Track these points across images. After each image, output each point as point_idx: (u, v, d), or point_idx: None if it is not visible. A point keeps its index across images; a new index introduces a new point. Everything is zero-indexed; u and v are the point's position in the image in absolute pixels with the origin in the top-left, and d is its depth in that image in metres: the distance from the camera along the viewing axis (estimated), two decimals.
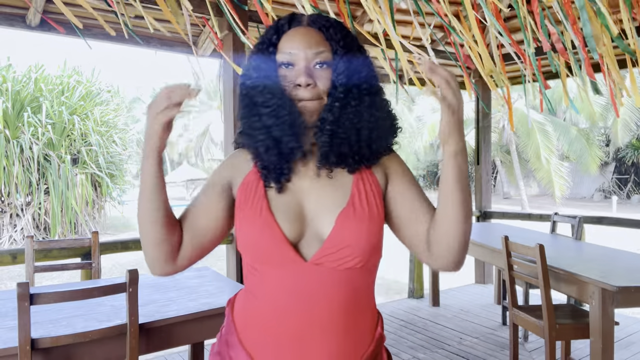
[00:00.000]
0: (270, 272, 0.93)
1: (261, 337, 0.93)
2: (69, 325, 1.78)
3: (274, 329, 0.92)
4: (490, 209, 5.43)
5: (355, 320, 0.93)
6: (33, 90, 13.16)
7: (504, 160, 24.03)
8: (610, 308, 2.35)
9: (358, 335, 0.94)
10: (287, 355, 0.91)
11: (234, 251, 3.58)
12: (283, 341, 0.91)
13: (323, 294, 0.90)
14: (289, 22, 0.97)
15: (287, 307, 0.91)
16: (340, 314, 0.91)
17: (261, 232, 0.92)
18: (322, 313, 0.90)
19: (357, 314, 0.93)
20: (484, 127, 5.44)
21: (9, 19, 3.11)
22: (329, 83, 0.93)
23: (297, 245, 0.92)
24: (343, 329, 0.91)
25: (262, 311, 0.94)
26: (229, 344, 0.99)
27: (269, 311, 0.92)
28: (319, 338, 0.90)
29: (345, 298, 0.91)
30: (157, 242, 0.94)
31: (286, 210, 0.93)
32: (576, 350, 3.36)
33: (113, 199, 15.17)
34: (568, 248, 3.30)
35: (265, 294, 0.93)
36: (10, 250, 2.81)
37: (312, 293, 0.90)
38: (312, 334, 0.90)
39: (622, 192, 24.14)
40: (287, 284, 0.91)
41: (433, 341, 3.59)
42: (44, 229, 13.58)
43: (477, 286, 5.19)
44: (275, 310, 0.92)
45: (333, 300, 0.90)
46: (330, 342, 0.90)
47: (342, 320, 0.91)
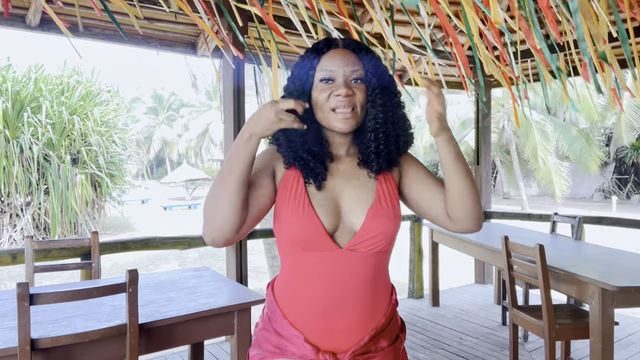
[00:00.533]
0: (310, 258, 1.10)
1: (300, 310, 1.12)
2: (69, 325, 1.78)
3: (310, 304, 1.11)
4: (490, 209, 5.43)
5: (375, 292, 1.13)
6: (33, 90, 13.16)
7: (504, 161, 24.03)
8: (610, 308, 2.35)
9: (377, 304, 1.14)
10: (320, 325, 1.10)
11: (233, 251, 3.58)
12: (317, 314, 1.10)
13: (353, 275, 1.10)
14: (327, 45, 1.14)
15: (323, 286, 1.10)
16: (366, 290, 1.11)
17: (306, 225, 1.08)
18: (351, 290, 1.10)
19: (378, 287, 1.14)
20: (483, 128, 5.44)
21: (9, 19, 3.11)
22: (364, 95, 1.11)
23: (333, 235, 1.10)
24: (365, 302, 1.11)
25: (300, 289, 1.12)
26: (271, 319, 1.17)
27: (307, 289, 1.11)
28: (347, 311, 1.10)
29: (372, 276, 1.12)
30: (235, 213, 1.03)
31: (325, 206, 1.11)
32: (576, 350, 3.36)
33: (113, 199, 15.17)
34: (568, 248, 3.30)
35: (305, 275, 1.11)
36: (10, 250, 2.81)
37: (345, 275, 1.09)
38: (342, 307, 1.10)
39: (622, 192, 24.14)
40: (323, 267, 1.10)
41: (433, 341, 3.59)
42: (43, 229, 13.58)
43: (477, 286, 5.19)
44: (313, 288, 1.10)
45: (361, 279, 1.10)
46: (355, 313, 1.10)
47: (366, 294, 1.11)
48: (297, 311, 1.12)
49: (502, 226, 4.42)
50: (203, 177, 29.26)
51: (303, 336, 1.10)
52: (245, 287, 2.48)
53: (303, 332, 1.11)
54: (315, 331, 1.11)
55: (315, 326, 1.10)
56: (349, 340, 1.10)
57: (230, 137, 3.51)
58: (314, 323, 1.10)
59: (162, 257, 12.39)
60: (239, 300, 2.12)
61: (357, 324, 1.11)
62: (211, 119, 38.59)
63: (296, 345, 1.11)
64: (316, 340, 1.10)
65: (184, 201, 27.17)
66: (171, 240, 3.41)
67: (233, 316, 2.08)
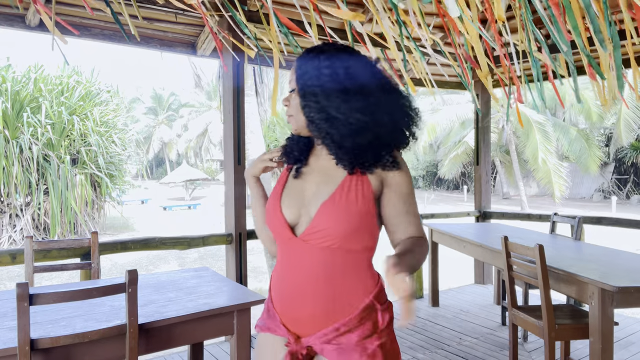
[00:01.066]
0: (280, 246, 1.25)
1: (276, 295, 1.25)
2: (69, 325, 1.78)
3: (280, 290, 1.24)
4: (490, 209, 5.43)
5: (333, 288, 1.16)
6: (32, 90, 13.15)
7: (504, 161, 24.03)
8: (609, 308, 2.35)
9: (339, 300, 1.16)
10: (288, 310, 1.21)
11: (233, 251, 3.58)
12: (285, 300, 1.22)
13: (308, 266, 1.18)
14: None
15: (285, 273, 1.22)
16: (322, 283, 1.16)
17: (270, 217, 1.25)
18: (307, 281, 1.17)
19: (337, 283, 1.16)
20: (483, 128, 5.44)
21: (9, 19, 3.10)
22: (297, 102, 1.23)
23: (295, 226, 1.21)
24: (322, 295, 1.16)
25: (277, 276, 1.26)
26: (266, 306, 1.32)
27: (276, 276, 1.25)
28: (307, 301, 1.17)
29: (324, 271, 1.16)
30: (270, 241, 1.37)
31: (290, 195, 1.24)
32: (576, 350, 3.36)
33: (112, 199, 15.16)
34: (567, 248, 3.30)
35: (279, 263, 1.26)
36: (10, 250, 2.80)
37: (301, 264, 1.19)
38: (302, 296, 1.18)
39: (621, 192, 24.15)
40: (286, 256, 1.22)
41: (432, 341, 3.59)
42: (43, 229, 13.57)
43: (476, 286, 5.19)
44: (280, 275, 1.24)
45: (314, 271, 1.17)
46: (315, 305, 1.16)
47: (323, 288, 1.16)
48: (274, 296, 1.26)
49: (501, 226, 4.42)
50: (202, 177, 29.23)
51: (279, 318, 1.23)
52: (245, 287, 2.48)
53: (279, 314, 1.23)
54: (286, 315, 1.22)
55: (284, 310, 1.22)
56: (312, 328, 1.18)
57: (230, 137, 3.51)
58: (284, 308, 1.22)
59: (162, 258, 12.38)
60: (238, 300, 2.12)
61: (318, 314, 1.16)
62: (211, 119, 38.56)
63: (276, 324, 1.24)
64: (287, 323, 1.22)
65: (184, 201, 27.15)
66: (171, 241, 3.41)
67: (233, 316, 2.08)
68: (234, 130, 3.49)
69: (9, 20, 3.10)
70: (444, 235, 4.24)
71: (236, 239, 3.56)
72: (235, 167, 3.52)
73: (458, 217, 5.45)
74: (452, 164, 22.87)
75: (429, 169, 32.33)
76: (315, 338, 1.17)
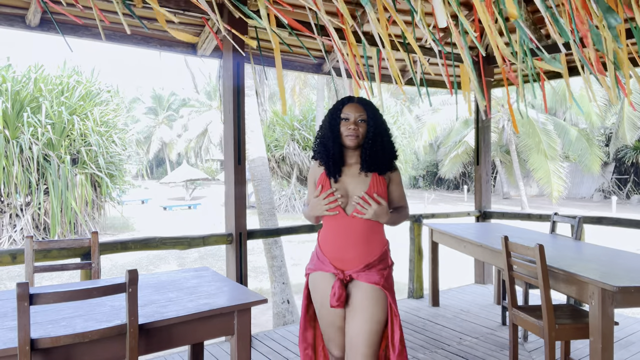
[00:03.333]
0: (335, 220, 2.07)
1: (328, 248, 2.09)
2: (69, 325, 1.78)
3: (331, 245, 2.08)
4: (490, 209, 5.43)
5: (368, 243, 2.05)
6: (33, 90, 13.15)
7: (504, 161, 24.03)
8: (609, 308, 2.35)
9: (369, 249, 2.05)
10: (337, 256, 2.06)
11: (233, 251, 3.58)
12: (335, 250, 2.07)
13: (354, 231, 2.04)
14: (347, 100, 2.12)
15: (339, 235, 2.06)
16: (361, 240, 2.04)
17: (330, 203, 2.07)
18: (352, 239, 2.04)
19: (370, 239, 2.06)
20: (483, 127, 5.44)
21: (9, 19, 3.10)
22: (365, 128, 2.08)
23: (345, 208, 2.06)
24: (361, 246, 2.04)
25: (330, 237, 2.09)
26: (315, 250, 2.16)
27: (328, 237, 2.10)
28: (350, 250, 2.04)
29: (365, 232, 2.05)
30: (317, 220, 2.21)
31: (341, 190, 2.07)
32: (576, 350, 3.36)
33: (112, 199, 15.17)
34: (568, 248, 3.30)
35: (332, 229, 2.08)
36: (10, 250, 2.80)
37: (349, 230, 2.05)
38: (348, 248, 2.04)
39: (621, 192, 24.14)
40: (340, 225, 2.06)
41: (433, 341, 3.59)
42: (43, 229, 13.58)
43: (477, 286, 5.19)
44: (335, 236, 2.07)
45: (358, 233, 2.04)
46: (355, 252, 2.04)
47: (362, 242, 2.04)
48: (327, 248, 2.09)
49: (502, 226, 4.42)
50: (203, 177, 29.23)
51: (328, 260, 2.07)
52: (245, 287, 2.48)
53: (329, 258, 2.07)
54: (335, 259, 2.06)
55: (334, 256, 2.06)
56: (352, 265, 2.04)
57: (230, 136, 3.51)
58: (334, 254, 2.06)
59: (162, 257, 12.39)
60: (238, 300, 2.12)
61: (356, 257, 2.03)
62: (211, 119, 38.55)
63: (326, 265, 2.08)
64: (335, 263, 2.06)
65: (184, 201, 27.15)
66: (171, 241, 3.40)
67: (233, 316, 2.08)
68: (234, 130, 3.49)
69: (9, 20, 3.10)
70: (444, 235, 4.24)
71: (236, 238, 3.56)
72: (236, 167, 3.51)
73: (458, 217, 5.45)
74: (452, 164, 22.87)
75: (429, 169, 32.33)
76: (353, 271, 2.03)
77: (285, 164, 21.23)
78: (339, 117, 2.08)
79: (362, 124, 2.05)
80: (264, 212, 6.87)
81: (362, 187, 2.02)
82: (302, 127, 20.78)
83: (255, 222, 7.91)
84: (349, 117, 2.06)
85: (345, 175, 2.07)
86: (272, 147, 21.04)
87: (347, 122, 2.05)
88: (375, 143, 2.05)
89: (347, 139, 2.05)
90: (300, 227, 4.34)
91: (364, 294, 1.99)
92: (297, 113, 21.42)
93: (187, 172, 28.01)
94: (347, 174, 2.07)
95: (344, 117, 2.07)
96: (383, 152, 2.07)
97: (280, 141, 21.15)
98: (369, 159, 2.04)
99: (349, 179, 2.06)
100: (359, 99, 2.12)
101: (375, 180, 2.04)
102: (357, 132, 2.03)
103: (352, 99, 2.11)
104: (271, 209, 6.91)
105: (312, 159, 2.16)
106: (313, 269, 2.10)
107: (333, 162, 2.05)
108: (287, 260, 9.36)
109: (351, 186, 2.05)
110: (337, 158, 2.06)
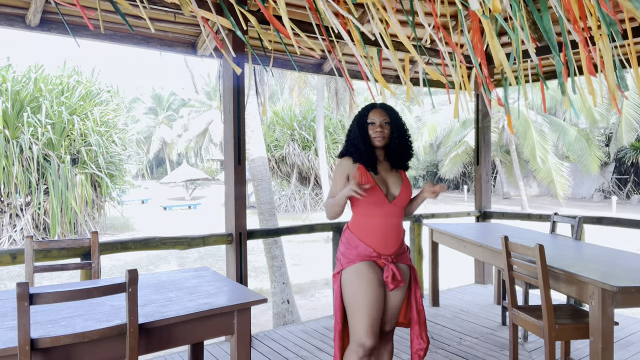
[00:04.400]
0: (377, 209, 2.29)
1: (369, 236, 2.28)
2: (69, 325, 1.78)
3: (375, 232, 2.28)
4: (490, 209, 5.43)
5: (400, 227, 2.34)
6: (33, 90, 13.15)
7: (504, 161, 24.02)
8: (610, 308, 2.35)
9: (401, 233, 2.35)
10: (380, 242, 2.27)
11: (233, 251, 3.58)
12: (379, 236, 2.28)
13: (395, 217, 2.32)
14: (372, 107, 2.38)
15: (382, 222, 2.28)
16: (399, 224, 2.34)
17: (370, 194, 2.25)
18: (394, 225, 2.31)
19: (400, 225, 2.35)
20: (483, 127, 5.44)
21: (9, 19, 3.10)
22: (389, 130, 2.35)
23: (387, 196, 2.30)
24: (398, 230, 2.33)
25: (371, 225, 2.29)
26: (351, 244, 2.29)
27: (373, 225, 2.28)
28: (391, 235, 2.30)
29: (399, 218, 2.34)
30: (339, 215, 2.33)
31: (381, 182, 2.32)
32: (576, 350, 3.36)
33: (112, 199, 15.17)
34: (568, 248, 3.30)
35: (373, 217, 2.29)
36: (10, 250, 2.80)
37: (391, 216, 2.30)
38: (389, 233, 2.29)
39: (621, 192, 24.14)
40: (382, 212, 2.29)
41: (433, 341, 3.59)
42: (43, 229, 13.58)
43: (477, 286, 5.19)
44: (377, 224, 2.28)
45: (397, 219, 2.33)
46: (395, 235, 2.31)
47: (399, 227, 2.34)
48: (369, 236, 2.28)
49: (502, 226, 4.42)
50: (203, 177, 29.23)
51: (372, 248, 2.26)
52: (245, 287, 2.48)
53: (371, 246, 2.26)
54: (377, 245, 2.27)
55: (377, 243, 2.27)
56: (391, 249, 2.29)
57: (230, 136, 3.51)
58: (377, 241, 2.27)
59: (162, 257, 12.39)
60: (238, 300, 2.12)
61: (394, 241, 2.30)
62: (211, 119, 38.55)
63: (369, 253, 2.25)
64: (379, 249, 2.27)
65: (184, 201, 27.15)
66: (171, 240, 3.40)
67: (233, 316, 2.08)
68: (234, 130, 3.49)
69: (9, 20, 3.10)
70: (444, 235, 4.24)
71: (236, 238, 3.56)
72: (236, 167, 3.51)
73: (458, 217, 5.45)
74: (452, 164, 22.86)
75: (430, 169, 32.32)
76: (394, 254, 2.29)
77: (285, 164, 21.24)
78: (366, 122, 2.34)
79: (387, 127, 2.33)
80: (264, 212, 6.87)
81: (397, 180, 2.35)
82: (301, 128, 20.79)
83: (255, 222, 7.90)
84: (375, 121, 2.32)
85: (380, 170, 2.35)
86: (272, 147, 21.04)
87: (374, 125, 2.32)
88: (401, 143, 2.36)
89: (375, 140, 2.32)
90: (300, 227, 4.33)
91: (405, 274, 2.34)
92: (297, 113, 21.41)
93: (187, 172, 28.01)
94: (380, 169, 2.35)
95: (370, 122, 2.33)
96: (407, 151, 2.38)
97: (280, 141, 21.15)
98: (397, 157, 2.36)
99: (385, 173, 2.35)
100: (382, 104, 2.38)
101: (404, 176, 2.41)
102: (383, 133, 2.31)
103: (376, 105, 2.38)
104: (271, 209, 6.91)
105: (340, 157, 2.43)
106: (353, 260, 2.25)
107: (370, 159, 2.32)
108: (287, 260, 9.36)
109: (390, 180, 2.35)
110: (371, 156, 2.33)
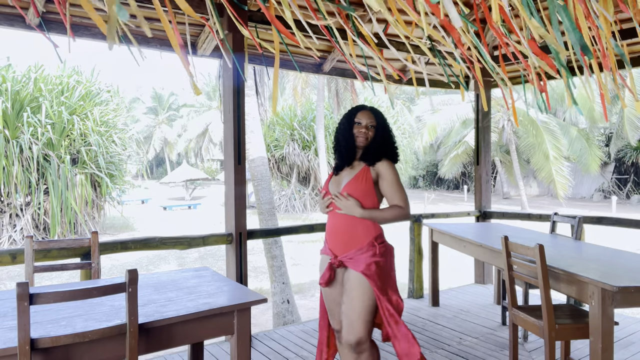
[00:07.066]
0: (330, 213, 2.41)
1: (326, 234, 2.44)
2: (69, 325, 1.78)
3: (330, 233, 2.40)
4: (490, 209, 5.43)
5: (351, 231, 2.33)
6: (33, 90, 13.14)
7: (504, 160, 24.02)
8: (609, 308, 2.35)
9: (354, 237, 2.32)
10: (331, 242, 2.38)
11: (233, 251, 3.58)
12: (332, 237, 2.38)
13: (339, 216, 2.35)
14: (359, 109, 2.44)
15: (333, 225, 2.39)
16: (344, 228, 2.34)
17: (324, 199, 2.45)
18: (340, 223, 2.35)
19: (352, 229, 2.33)
20: (483, 127, 5.44)
21: (9, 19, 3.10)
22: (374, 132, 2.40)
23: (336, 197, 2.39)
24: (346, 234, 2.33)
25: (327, 225, 2.43)
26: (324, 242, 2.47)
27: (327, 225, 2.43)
28: (338, 234, 2.35)
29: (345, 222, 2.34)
30: None
31: (335, 183, 2.43)
32: (576, 350, 3.36)
33: (112, 199, 15.16)
34: (568, 248, 3.30)
35: (329, 217, 2.41)
36: (10, 250, 2.80)
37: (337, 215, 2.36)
38: (337, 232, 2.36)
39: (621, 192, 24.14)
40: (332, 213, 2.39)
41: (433, 341, 3.59)
42: (43, 229, 13.57)
43: (477, 286, 5.19)
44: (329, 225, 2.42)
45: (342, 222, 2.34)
46: (345, 237, 2.33)
47: (345, 230, 2.34)
48: (326, 236, 2.43)
49: (502, 226, 4.42)
50: (203, 177, 29.22)
51: (327, 246, 2.41)
52: (245, 287, 2.48)
53: (327, 244, 2.41)
54: (330, 244, 2.39)
55: (329, 241, 2.40)
56: (340, 252, 2.34)
57: (230, 136, 3.50)
58: (329, 240, 2.40)
59: (162, 257, 12.38)
60: (238, 300, 2.12)
61: (342, 245, 2.34)
62: (211, 119, 38.55)
63: (325, 249, 2.43)
64: (330, 248, 2.39)
65: (184, 201, 27.14)
66: (171, 240, 3.40)
67: (233, 316, 2.08)
68: (234, 130, 3.49)
69: (9, 20, 3.10)
70: (444, 235, 4.24)
71: (236, 238, 3.56)
72: (236, 167, 3.51)
73: (458, 217, 5.45)
74: (452, 164, 22.87)
75: (429, 169, 32.32)
76: (342, 257, 2.32)
77: (285, 164, 21.23)
78: (353, 120, 2.40)
79: (372, 129, 2.38)
80: (264, 212, 6.87)
81: (345, 182, 2.36)
82: (301, 127, 20.78)
83: (255, 222, 7.90)
84: (361, 122, 2.38)
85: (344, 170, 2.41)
86: (272, 147, 21.04)
87: (359, 125, 2.38)
88: (380, 145, 2.37)
89: (358, 139, 2.38)
90: (300, 227, 4.33)
91: (351, 280, 2.29)
92: (299, 113, 21.41)
93: (187, 172, 28.01)
94: (347, 169, 2.41)
95: (357, 122, 2.39)
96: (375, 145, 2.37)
97: (280, 141, 21.14)
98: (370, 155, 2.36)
99: (345, 173, 2.40)
100: (371, 108, 2.44)
101: (359, 175, 2.34)
102: (366, 135, 2.36)
103: (366, 107, 2.44)
104: (271, 209, 6.91)
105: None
106: (322, 251, 2.48)
107: (339, 157, 2.42)
108: (287, 260, 9.36)
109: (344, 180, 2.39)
110: (343, 154, 2.40)
